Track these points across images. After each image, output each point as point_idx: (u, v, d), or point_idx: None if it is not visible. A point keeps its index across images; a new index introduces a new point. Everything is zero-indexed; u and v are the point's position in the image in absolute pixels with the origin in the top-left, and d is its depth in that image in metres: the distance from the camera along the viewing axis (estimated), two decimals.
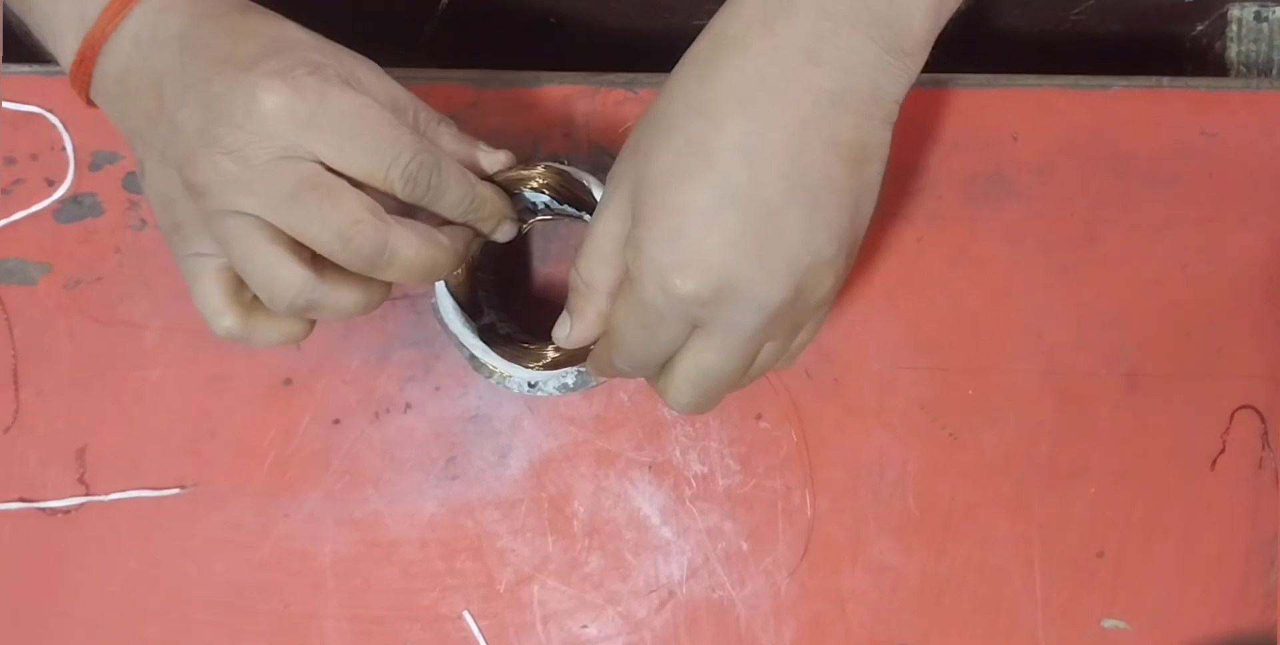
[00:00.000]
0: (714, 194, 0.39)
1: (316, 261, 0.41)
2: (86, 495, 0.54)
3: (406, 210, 0.43)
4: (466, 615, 0.53)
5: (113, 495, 0.54)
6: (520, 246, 0.54)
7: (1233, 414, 0.53)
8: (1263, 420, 0.53)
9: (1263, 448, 0.53)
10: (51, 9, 0.43)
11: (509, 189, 0.49)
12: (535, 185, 0.49)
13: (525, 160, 0.49)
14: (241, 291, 0.43)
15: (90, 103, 0.44)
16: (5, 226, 0.55)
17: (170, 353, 0.54)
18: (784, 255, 0.39)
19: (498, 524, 0.54)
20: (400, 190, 0.42)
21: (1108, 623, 0.53)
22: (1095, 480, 0.53)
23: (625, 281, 0.42)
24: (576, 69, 0.55)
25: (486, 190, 0.45)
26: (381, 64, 0.55)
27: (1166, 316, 0.54)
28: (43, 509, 0.54)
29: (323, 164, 0.40)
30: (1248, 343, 0.53)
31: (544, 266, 0.54)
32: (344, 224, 0.40)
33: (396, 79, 0.54)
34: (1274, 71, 0.58)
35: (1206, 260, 0.54)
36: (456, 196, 0.44)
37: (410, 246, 0.41)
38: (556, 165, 0.49)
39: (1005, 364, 0.54)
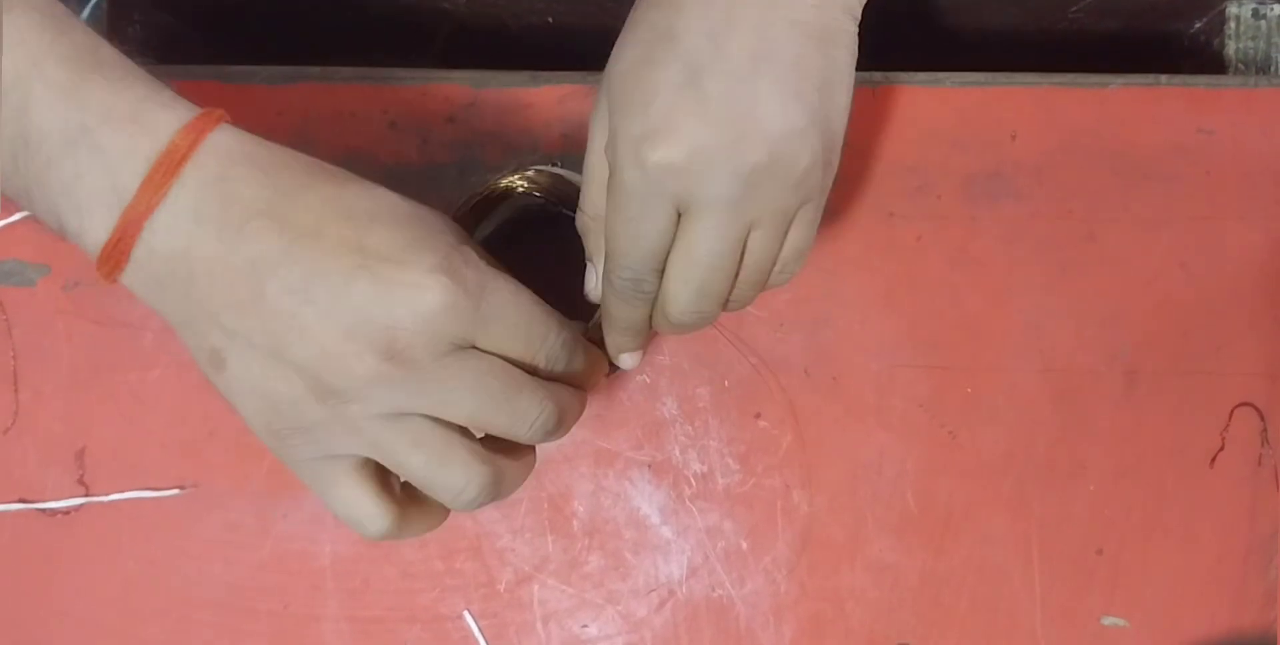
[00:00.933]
0: (679, 68, 0.39)
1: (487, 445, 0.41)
2: (86, 496, 0.54)
3: None
4: (467, 615, 0.53)
5: (112, 496, 0.54)
6: (515, 250, 0.54)
7: (1232, 411, 0.53)
8: (1262, 418, 0.53)
9: (1262, 445, 0.53)
10: (71, 182, 0.37)
11: (503, 195, 0.49)
12: (527, 189, 0.49)
13: (519, 164, 0.49)
14: (389, 487, 0.41)
15: (113, 281, 0.39)
16: (4, 228, 0.55)
17: (169, 353, 0.54)
18: (754, 120, 0.39)
19: (497, 524, 0.54)
20: (541, 368, 0.41)
21: (1107, 620, 0.53)
22: (1094, 478, 0.53)
23: (609, 181, 0.42)
24: (574, 69, 0.55)
25: (601, 363, 0.46)
26: (380, 64, 0.55)
27: (1165, 314, 0.54)
28: (42, 510, 0.54)
29: (475, 347, 0.39)
30: (1247, 340, 0.53)
31: (540, 269, 0.54)
32: (530, 413, 0.40)
33: (397, 79, 0.54)
34: (1272, 69, 0.58)
35: (1205, 258, 0.54)
36: (577, 367, 0.43)
37: (575, 411, 0.43)
38: (549, 169, 0.49)
39: (1004, 362, 0.54)
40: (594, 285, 0.46)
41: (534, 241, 0.54)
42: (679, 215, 0.41)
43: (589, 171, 0.44)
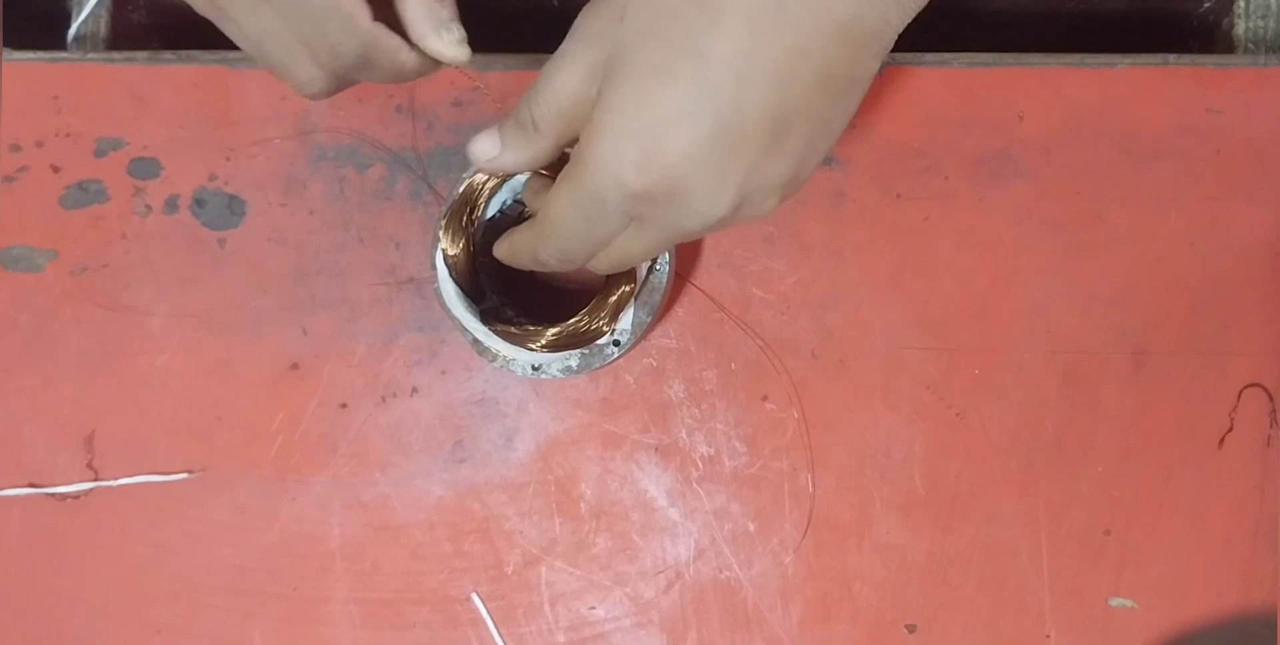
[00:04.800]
0: (695, 100, 0.38)
1: None
2: (95, 480, 0.54)
3: None
4: (475, 597, 0.53)
5: (121, 480, 0.54)
6: None
7: (1240, 392, 0.53)
8: (1270, 398, 0.53)
9: (1270, 426, 0.53)
10: None
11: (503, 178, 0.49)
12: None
13: None
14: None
15: None
16: (11, 213, 0.55)
17: (177, 338, 0.54)
18: (739, 173, 0.39)
19: (505, 506, 0.54)
20: (323, 60, 0.43)
21: (1115, 601, 0.53)
22: (1102, 459, 0.53)
23: (572, 166, 0.41)
24: None
25: (414, 64, 0.45)
26: None
27: (1173, 295, 0.53)
28: (52, 494, 0.54)
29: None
30: (1255, 320, 0.53)
31: None
32: (298, 75, 0.43)
33: None
34: None
35: (1213, 238, 0.53)
36: (378, 79, 0.45)
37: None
38: None
39: (1012, 343, 0.53)
40: (488, 156, 0.44)
41: None
42: (631, 220, 0.41)
43: (552, 92, 0.41)
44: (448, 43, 0.44)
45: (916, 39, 0.56)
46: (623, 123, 0.38)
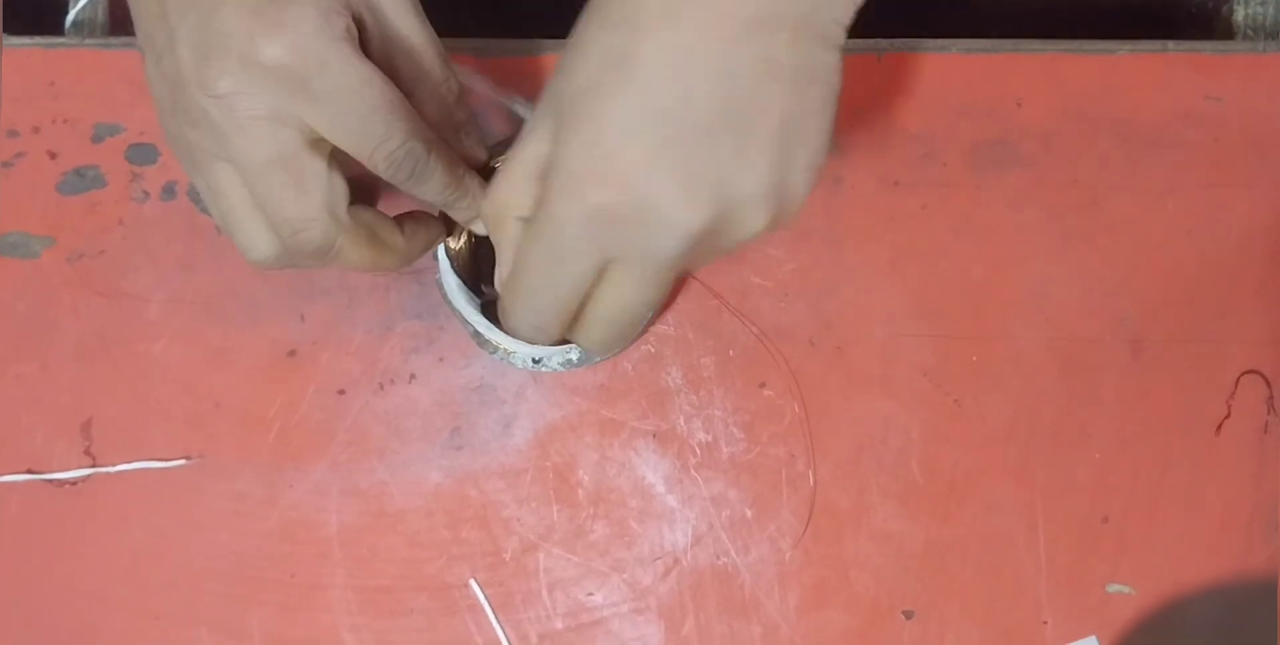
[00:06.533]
0: (637, 106, 0.36)
1: None
2: (93, 467, 0.54)
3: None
4: (473, 583, 0.53)
5: (119, 467, 0.54)
6: None
7: (1238, 379, 0.53)
8: (1268, 385, 0.53)
9: (1268, 412, 0.53)
10: None
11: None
12: None
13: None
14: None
15: None
16: (8, 200, 0.55)
17: (174, 325, 0.54)
18: (708, 178, 0.36)
19: (503, 493, 0.54)
20: (383, 173, 0.41)
21: (1112, 588, 0.53)
22: (1100, 446, 0.53)
23: (537, 206, 0.39)
24: None
25: (474, 183, 0.45)
26: None
27: (1171, 282, 0.53)
28: (49, 481, 0.54)
29: (312, 129, 0.39)
30: (1253, 308, 0.53)
31: None
32: (295, 218, 0.40)
33: None
34: None
35: (1211, 225, 0.53)
36: (438, 188, 0.43)
37: (356, 252, 0.42)
38: None
39: (1009, 331, 0.53)
40: (500, 279, 0.43)
41: None
42: (605, 262, 0.39)
43: (509, 170, 0.40)
44: (468, 146, 0.45)
45: (915, 23, 0.56)
46: (571, 144, 0.37)
